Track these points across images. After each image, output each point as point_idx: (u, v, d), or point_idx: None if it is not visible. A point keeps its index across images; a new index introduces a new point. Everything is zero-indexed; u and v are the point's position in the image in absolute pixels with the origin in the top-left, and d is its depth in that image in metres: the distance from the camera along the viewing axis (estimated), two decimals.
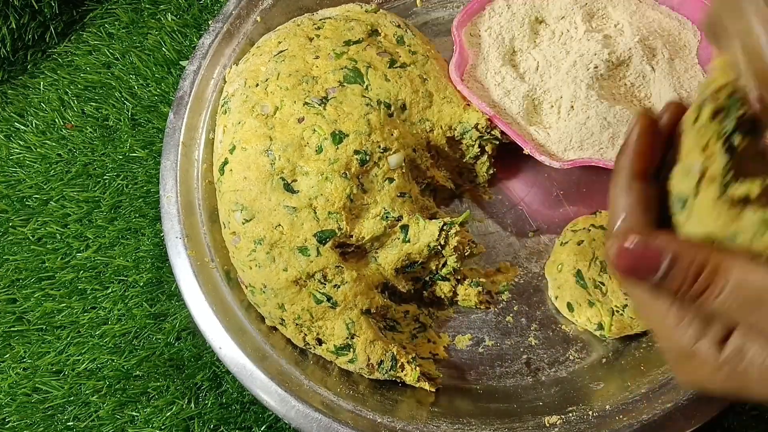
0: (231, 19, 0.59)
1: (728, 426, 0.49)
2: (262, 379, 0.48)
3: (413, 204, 0.51)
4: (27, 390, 0.59)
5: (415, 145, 0.52)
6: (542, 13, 0.56)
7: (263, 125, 0.51)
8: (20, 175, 0.68)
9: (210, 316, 0.51)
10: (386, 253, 0.51)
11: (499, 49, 0.55)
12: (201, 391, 0.56)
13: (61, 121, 0.70)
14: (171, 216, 0.54)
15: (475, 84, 0.55)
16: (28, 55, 0.74)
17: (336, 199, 0.48)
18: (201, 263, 0.53)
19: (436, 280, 0.53)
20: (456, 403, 0.50)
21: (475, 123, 0.52)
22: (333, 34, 0.55)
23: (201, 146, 0.57)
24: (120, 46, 0.72)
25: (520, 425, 0.46)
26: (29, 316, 0.62)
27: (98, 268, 0.62)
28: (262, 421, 0.54)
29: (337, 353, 0.50)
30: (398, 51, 0.55)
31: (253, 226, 0.50)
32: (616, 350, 0.51)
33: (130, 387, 0.57)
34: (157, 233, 0.62)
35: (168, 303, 0.60)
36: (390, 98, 0.52)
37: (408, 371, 0.49)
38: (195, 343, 0.57)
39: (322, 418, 0.46)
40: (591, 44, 0.53)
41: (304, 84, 0.52)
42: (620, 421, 0.44)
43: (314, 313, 0.49)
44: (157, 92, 0.68)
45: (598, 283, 0.51)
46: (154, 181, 0.65)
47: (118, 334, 0.59)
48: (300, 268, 0.48)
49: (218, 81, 0.58)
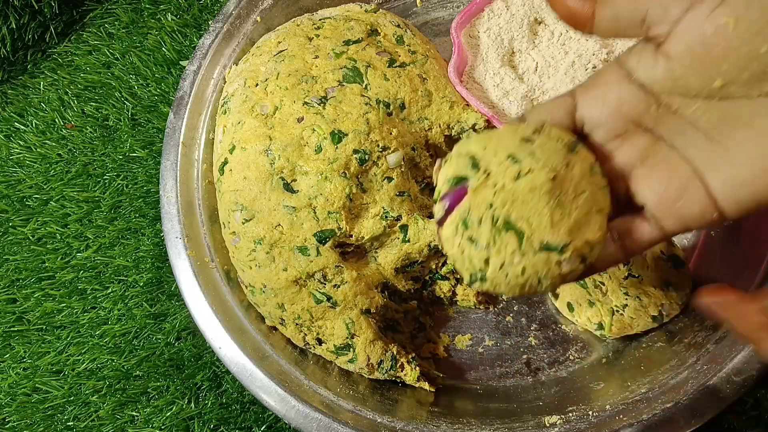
0: (231, 19, 0.59)
1: (728, 426, 0.49)
2: (262, 379, 0.48)
3: (412, 203, 0.51)
4: (27, 390, 0.59)
5: (414, 144, 0.52)
6: (541, 14, 0.56)
7: (263, 125, 0.51)
8: (20, 175, 0.68)
9: (210, 316, 0.51)
10: (386, 252, 0.51)
11: (498, 50, 0.55)
12: (201, 391, 0.56)
13: (61, 121, 0.70)
14: (171, 216, 0.54)
15: (474, 85, 0.55)
16: (28, 55, 0.74)
17: (335, 198, 0.48)
18: (201, 263, 0.53)
19: (436, 279, 0.53)
20: (456, 403, 0.50)
21: (473, 123, 0.52)
22: (332, 34, 0.55)
23: (201, 146, 0.57)
24: (120, 46, 0.72)
25: (520, 425, 0.46)
26: (29, 316, 0.62)
27: (98, 268, 0.63)
28: (262, 421, 0.54)
29: (337, 353, 0.50)
30: (398, 50, 0.55)
31: (253, 226, 0.50)
32: (616, 350, 0.51)
33: (130, 387, 0.57)
34: (157, 233, 0.62)
35: (168, 303, 0.60)
36: (389, 97, 0.52)
37: (408, 371, 0.49)
38: (195, 343, 0.57)
39: (322, 418, 0.46)
40: (589, 44, 0.53)
41: (303, 84, 0.52)
42: (620, 421, 0.44)
43: (314, 313, 0.49)
44: (157, 92, 0.68)
45: (598, 282, 0.51)
46: (154, 181, 0.65)
47: (118, 334, 0.59)
48: (300, 267, 0.48)
49: (218, 81, 0.58)
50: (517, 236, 0.32)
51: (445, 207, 0.34)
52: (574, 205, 0.33)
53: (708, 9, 0.29)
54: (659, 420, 0.43)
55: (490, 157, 0.33)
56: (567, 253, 0.33)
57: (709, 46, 0.29)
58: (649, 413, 0.43)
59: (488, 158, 0.33)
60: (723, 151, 0.31)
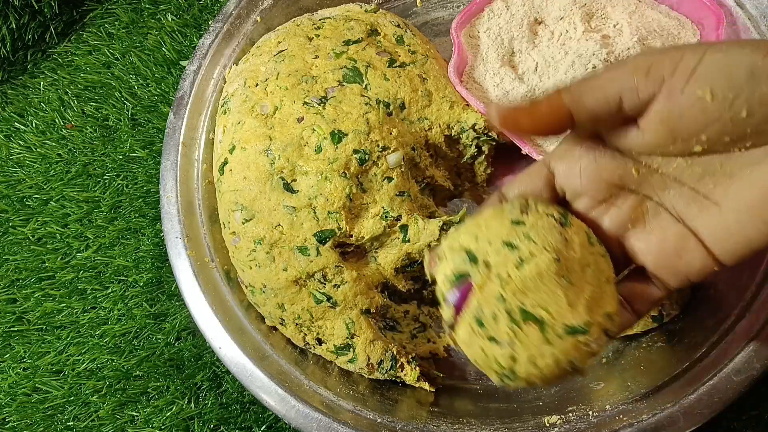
0: (231, 19, 0.59)
1: (728, 426, 0.49)
2: (262, 379, 0.48)
3: (412, 203, 0.51)
4: (27, 390, 0.59)
5: (413, 144, 0.52)
6: (541, 14, 0.56)
7: (263, 125, 0.51)
8: (20, 175, 0.68)
9: (210, 316, 0.51)
10: (386, 252, 0.51)
11: (498, 50, 0.55)
12: (201, 391, 0.56)
13: (61, 121, 0.70)
14: (171, 216, 0.54)
15: (474, 85, 0.55)
16: (28, 55, 0.74)
17: (335, 198, 0.48)
18: (201, 263, 0.53)
19: None
20: (456, 403, 0.50)
21: (473, 123, 0.52)
22: (332, 34, 0.55)
23: (201, 146, 0.57)
24: (120, 46, 0.72)
25: (520, 425, 0.46)
26: (29, 316, 0.62)
27: (98, 268, 0.63)
28: (262, 421, 0.54)
29: (337, 353, 0.50)
30: (398, 50, 0.55)
31: (253, 226, 0.50)
32: (616, 350, 0.51)
33: (130, 387, 0.57)
34: (157, 233, 0.62)
35: (168, 303, 0.60)
36: (389, 97, 0.52)
37: (408, 371, 0.49)
38: (195, 343, 0.57)
39: (322, 418, 0.46)
40: (589, 44, 0.53)
41: (303, 84, 0.52)
42: (620, 421, 0.44)
43: (314, 313, 0.49)
44: (157, 92, 0.68)
45: None
46: (154, 181, 0.65)
47: (118, 334, 0.59)
48: (300, 267, 0.48)
49: (218, 81, 0.58)
50: (538, 325, 0.31)
51: (453, 309, 0.32)
52: (584, 280, 0.32)
53: (680, 83, 0.28)
54: (659, 420, 0.43)
55: (486, 247, 0.32)
56: (593, 332, 0.31)
57: (686, 119, 0.29)
58: (649, 413, 0.43)
59: (484, 249, 0.32)
60: (711, 205, 0.31)
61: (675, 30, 0.55)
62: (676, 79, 0.28)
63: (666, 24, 0.55)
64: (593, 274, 0.33)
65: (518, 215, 0.33)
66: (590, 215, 0.35)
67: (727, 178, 0.30)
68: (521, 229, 0.32)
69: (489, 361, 0.32)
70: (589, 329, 0.31)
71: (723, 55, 0.28)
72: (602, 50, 0.52)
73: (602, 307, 0.32)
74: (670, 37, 0.55)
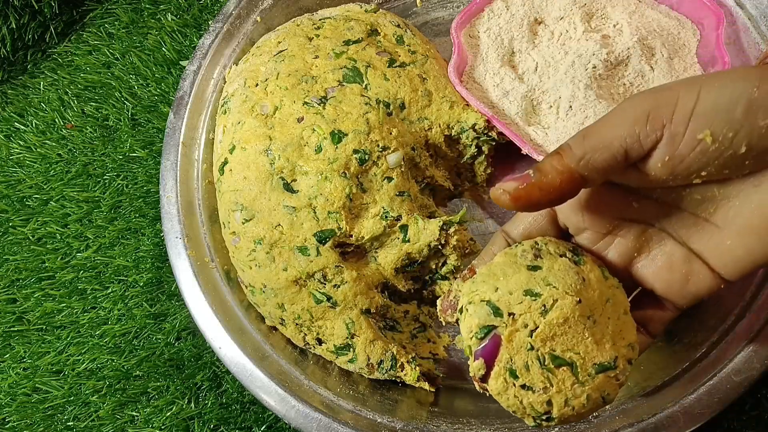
0: (231, 19, 0.59)
1: (728, 426, 0.49)
2: (262, 379, 0.48)
3: (412, 203, 0.51)
4: (27, 390, 0.59)
5: (413, 144, 0.52)
6: (541, 14, 0.56)
7: (263, 125, 0.51)
8: (20, 175, 0.68)
9: (210, 316, 0.51)
10: (386, 252, 0.51)
11: (498, 50, 0.55)
12: (201, 391, 0.56)
13: (61, 121, 0.70)
14: (171, 216, 0.54)
15: (474, 85, 0.55)
16: (28, 55, 0.74)
17: (335, 198, 0.48)
18: (201, 263, 0.53)
19: (436, 279, 0.53)
20: (456, 403, 0.50)
21: (473, 123, 0.52)
22: (332, 34, 0.55)
23: (201, 146, 0.57)
24: (120, 46, 0.72)
25: (520, 425, 0.46)
26: (29, 316, 0.62)
27: (98, 268, 0.63)
28: (262, 421, 0.54)
29: (337, 353, 0.50)
30: (398, 50, 0.55)
31: (253, 226, 0.50)
32: None
33: (130, 387, 0.57)
34: (157, 233, 0.62)
35: (168, 303, 0.60)
36: (389, 97, 0.52)
37: (408, 371, 0.49)
38: (195, 343, 0.57)
39: (322, 418, 0.46)
40: (589, 44, 0.53)
41: (303, 84, 0.52)
42: (620, 421, 0.44)
43: (314, 313, 0.49)
44: (157, 92, 0.68)
45: None
46: (154, 181, 0.65)
47: (118, 334, 0.59)
48: (300, 267, 0.48)
49: (218, 81, 0.58)
50: (570, 369, 0.32)
51: (483, 362, 0.33)
52: (605, 315, 0.33)
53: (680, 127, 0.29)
54: (659, 420, 0.43)
55: (508, 297, 0.33)
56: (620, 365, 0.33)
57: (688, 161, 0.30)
58: (649, 413, 0.43)
59: (506, 300, 0.33)
60: (712, 227, 0.32)
61: (675, 30, 0.55)
62: (675, 124, 0.29)
63: (666, 24, 0.55)
64: (612, 308, 0.34)
65: (532, 260, 0.34)
66: (595, 248, 0.36)
67: (726, 201, 0.31)
68: (539, 274, 0.33)
69: (525, 408, 0.33)
70: (616, 363, 0.33)
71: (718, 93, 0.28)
72: (602, 50, 0.52)
73: (625, 339, 0.33)
74: (670, 37, 0.55)
